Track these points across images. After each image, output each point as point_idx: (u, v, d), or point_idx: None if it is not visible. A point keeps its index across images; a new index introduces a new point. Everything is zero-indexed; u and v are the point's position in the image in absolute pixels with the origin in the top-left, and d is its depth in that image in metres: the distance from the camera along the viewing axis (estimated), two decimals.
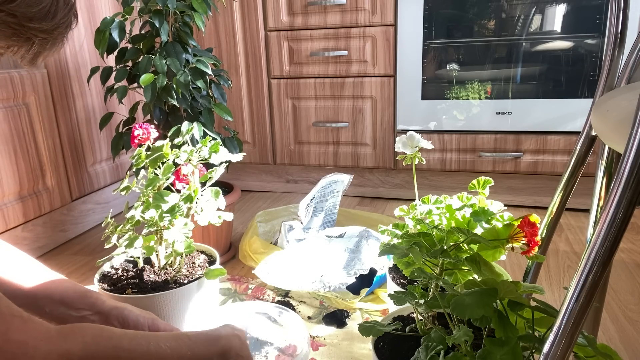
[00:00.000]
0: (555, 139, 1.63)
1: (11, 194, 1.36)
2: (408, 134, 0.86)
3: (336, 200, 1.52)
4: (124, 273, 0.99)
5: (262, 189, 2.08)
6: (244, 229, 1.61)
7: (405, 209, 0.85)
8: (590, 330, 0.82)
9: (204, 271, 0.97)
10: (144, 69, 1.19)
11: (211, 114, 1.30)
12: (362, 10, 1.70)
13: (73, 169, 1.56)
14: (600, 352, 0.56)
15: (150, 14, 1.21)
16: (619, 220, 0.41)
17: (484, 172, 1.73)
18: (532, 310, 0.59)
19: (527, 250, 0.64)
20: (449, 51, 1.67)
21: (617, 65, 0.74)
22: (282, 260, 1.27)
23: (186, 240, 0.95)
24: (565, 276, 1.26)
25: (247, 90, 1.92)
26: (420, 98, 1.73)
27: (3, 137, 1.33)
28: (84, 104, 1.61)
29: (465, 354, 0.59)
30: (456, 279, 0.71)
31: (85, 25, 1.60)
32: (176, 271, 0.98)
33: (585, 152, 0.77)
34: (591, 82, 1.56)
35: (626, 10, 0.71)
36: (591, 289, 0.42)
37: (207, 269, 0.97)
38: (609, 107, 0.60)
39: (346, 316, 1.10)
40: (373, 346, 0.71)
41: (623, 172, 0.40)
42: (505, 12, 1.59)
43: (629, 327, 1.04)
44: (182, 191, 0.95)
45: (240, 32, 1.86)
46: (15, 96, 1.36)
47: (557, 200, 0.80)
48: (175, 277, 0.96)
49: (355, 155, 1.87)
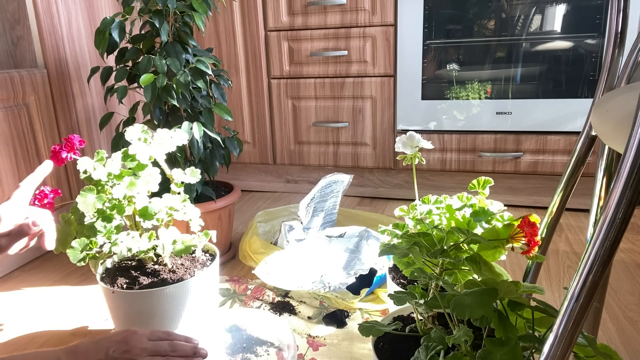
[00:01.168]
0: (555, 139, 1.63)
1: (11, 194, 1.36)
2: (408, 134, 0.86)
3: (336, 200, 1.52)
4: (124, 269, 0.99)
5: (262, 189, 2.08)
6: (244, 229, 1.61)
7: (405, 209, 0.85)
8: (590, 330, 0.82)
9: (199, 272, 0.97)
10: (144, 69, 1.19)
11: (211, 114, 1.30)
12: (362, 10, 1.70)
13: (73, 169, 1.56)
14: (600, 352, 0.56)
15: (150, 14, 1.21)
16: (619, 220, 0.41)
17: (484, 172, 1.73)
18: (532, 310, 0.59)
19: (527, 250, 0.64)
20: (449, 51, 1.67)
21: (617, 65, 0.74)
22: (282, 261, 1.27)
23: (185, 240, 0.96)
24: (565, 276, 1.26)
25: (247, 90, 1.92)
26: (420, 98, 1.73)
27: (3, 137, 1.33)
28: (84, 104, 1.61)
29: (465, 354, 0.59)
30: (456, 279, 0.71)
31: (85, 25, 1.60)
32: (176, 267, 0.98)
33: (585, 152, 0.77)
34: (591, 82, 1.56)
35: (626, 10, 0.71)
36: (591, 289, 0.42)
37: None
38: (609, 107, 0.60)
39: (346, 316, 1.10)
40: (373, 346, 0.71)
41: (623, 172, 0.40)
42: (505, 12, 1.59)
43: (629, 327, 1.04)
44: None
45: (240, 32, 1.86)
46: (15, 96, 1.36)
47: (557, 200, 0.80)
48: (176, 273, 0.96)
49: (355, 155, 1.87)
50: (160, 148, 0.96)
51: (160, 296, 0.91)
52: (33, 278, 1.35)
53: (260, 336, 0.94)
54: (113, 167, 0.92)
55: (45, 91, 1.46)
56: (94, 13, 1.63)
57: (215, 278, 1.01)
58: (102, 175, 0.91)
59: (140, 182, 0.92)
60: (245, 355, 0.90)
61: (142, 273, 0.97)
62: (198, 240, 0.98)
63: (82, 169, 0.92)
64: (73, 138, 0.93)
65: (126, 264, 1.01)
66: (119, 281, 0.95)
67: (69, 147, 0.93)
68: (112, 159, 0.94)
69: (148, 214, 0.92)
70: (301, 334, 1.04)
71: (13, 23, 1.43)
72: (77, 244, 0.87)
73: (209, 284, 0.99)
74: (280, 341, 0.91)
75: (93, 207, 0.88)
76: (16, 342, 1.06)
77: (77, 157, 0.93)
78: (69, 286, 1.30)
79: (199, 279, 0.95)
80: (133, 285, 0.93)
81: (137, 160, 0.94)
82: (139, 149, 0.94)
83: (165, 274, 0.97)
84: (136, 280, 0.94)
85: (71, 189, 1.57)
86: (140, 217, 0.92)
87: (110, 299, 0.94)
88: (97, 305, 1.20)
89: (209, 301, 1.00)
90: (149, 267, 0.99)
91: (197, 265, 1.00)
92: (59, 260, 1.46)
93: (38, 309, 1.20)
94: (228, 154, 1.39)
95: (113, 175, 0.91)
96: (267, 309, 1.14)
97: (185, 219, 0.96)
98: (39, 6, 1.43)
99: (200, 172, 1.02)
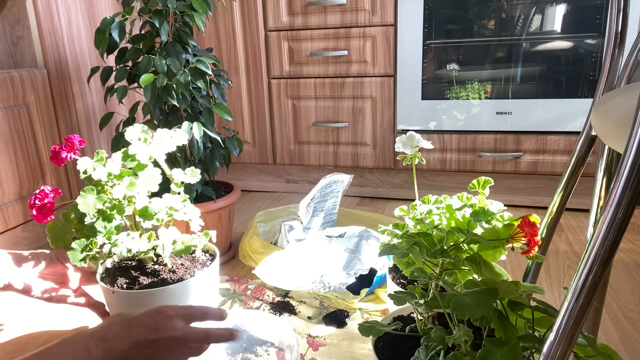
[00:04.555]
0: (555, 139, 1.63)
1: (11, 194, 1.36)
2: (408, 134, 0.86)
3: (336, 200, 1.52)
4: (124, 269, 0.99)
5: (262, 189, 2.08)
6: (244, 229, 1.61)
7: (405, 209, 0.85)
8: (590, 330, 0.82)
9: (200, 271, 0.97)
10: (144, 69, 1.19)
11: (211, 114, 1.30)
12: (362, 10, 1.70)
13: (73, 169, 1.56)
14: (600, 352, 0.56)
15: (150, 14, 1.21)
16: (619, 220, 0.41)
17: (484, 172, 1.73)
18: (532, 310, 0.59)
19: (527, 250, 0.64)
20: (449, 51, 1.67)
21: (617, 65, 0.74)
22: (282, 260, 1.27)
23: (185, 240, 0.96)
24: (565, 276, 1.26)
25: (247, 90, 1.92)
26: (420, 98, 1.73)
27: (3, 137, 1.33)
28: (84, 104, 1.61)
29: (465, 354, 0.59)
30: (456, 279, 0.71)
31: (85, 25, 1.60)
32: (176, 267, 0.98)
33: (585, 152, 0.77)
34: (591, 82, 1.56)
35: (626, 10, 0.71)
36: (591, 289, 0.42)
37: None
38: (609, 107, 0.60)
39: (346, 316, 1.10)
40: (373, 346, 0.71)
41: (623, 172, 0.40)
42: (505, 12, 1.59)
43: (629, 327, 1.04)
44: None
45: (240, 32, 1.86)
46: (15, 96, 1.36)
47: (557, 200, 0.80)
48: (176, 273, 0.97)
49: (355, 155, 1.87)
50: (160, 148, 0.96)
51: (160, 296, 0.91)
52: None
53: (260, 336, 0.94)
54: (113, 167, 0.92)
55: (45, 91, 1.46)
56: (94, 13, 1.63)
57: (215, 278, 1.01)
58: (102, 175, 0.91)
59: (140, 182, 0.92)
60: (246, 355, 0.90)
61: (142, 273, 0.97)
62: (198, 240, 0.98)
63: (82, 169, 0.92)
64: (73, 138, 0.93)
65: (126, 264, 1.01)
66: (119, 281, 0.95)
67: (69, 147, 0.93)
68: (112, 159, 0.93)
69: (148, 214, 0.92)
70: (301, 334, 1.04)
71: (13, 23, 1.43)
72: (77, 245, 0.87)
73: (209, 284, 0.99)
74: (281, 341, 0.91)
75: (93, 208, 0.88)
76: (16, 342, 1.06)
77: (77, 157, 0.93)
78: None
79: (199, 278, 0.95)
80: (133, 285, 0.93)
81: (137, 160, 0.94)
82: (139, 149, 0.94)
83: (165, 274, 0.97)
84: (136, 280, 0.94)
85: (71, 189, 1.57)
86: (140, 217, 0.92)
87: (111, 299, 0.94)
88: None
89: (209, 301, 1.00)
90: (149, 267, 0.99)
91: (197, 265, 1.00)
92: None
93: (38, 309, 1.19)
94: (228, 154, 1.39)
95: (113, 175, 0.91)
96: (267, 309, 1.14)
97: (185, 219, 0.96)
98: (39, 6, 1.43)
99: (200, 172, 1.01)
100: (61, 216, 0.94)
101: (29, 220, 1.42)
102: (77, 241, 0.88)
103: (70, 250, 0.87)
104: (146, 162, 0.94)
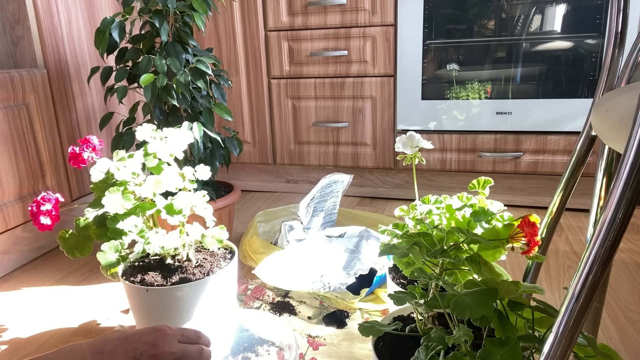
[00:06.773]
0: (555, 139, 1.63)
1: (11, 194, 1.36)
2: (408, 134, 0.86)
3: (336, 200, 1.52)
4: (144, 268, 0.98)
5: (262, 189, 2.08)
6: (244, 229, 1.61)
7: (405, 209, 0.85)
8: (590, 330, 0.82)
9: (225, 264, 0.99)
10: (144, 69, 1.19)
11: (211, 114, 1.30)
12: (362, 10, 1.70)
13: (73, 169, 1.56)
14: (600, 352, 0.56)
15: (150, 14, 1.21)
16: (619, 220, 0.41)
17: (484, 172, 1.73)
18: (532, 310, 0.59)
19: (527, 250, 0.64)
20: (449, 51, 1.67)
21: (617, 65, 0.74)
22: (282, 261, 1.27)
23: (215, 234, 0.99)
24: (565, 276, 1.26)
25: (247, 90, 1.92)
26: (420, 98, 1.73)
27: (3, 137, 1.33)
28: (84, 104, 1.61)
29: (465, 354, 0.59)
30: (456, 279, 0.71)
31: (85, 25, 1.60)
32: (201, 262, 0.99)
33: (585, 152, 0.77)
34: (591, 82, 1.56)
35: (626, 10, 0.71)
36: (591, 289, 0.42)
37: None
38: (609, 107, 0.60)
39: (346, 316, 1.10)
40: (373, 346, 0.71)
41: (623, 172, 0.40)
42: (505, 12, 1.59)
43: (629, 327, 1.04)
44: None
45: (240, 32, 1.86)
46: (15, 96, 1.36)
47: (557, 200, 0.80)
48: (204, 267, 0.97)
49: (355, 155, 1.87)
50: (177, 146, 0.98)
51: (195, 290, 0.91)
52: (33, 278, 1.35)
53: (261, 336, 0.94)
54: (135, 166, 0.93)
55: (45, 91, 1.46)
56: (94, 13, 1.63)
57: (236, 271, 1.03)
58: (127, 175, 0.91)
59: (165, 180, 0.93)
60: (246, 354, 0.90)
61: (167, 270, 0.96)
62: (224, 234, 0.99)
63: (104, 170, 0.93)
64: (91, 139, 0.94)
65: (143, 263, 1.01)
66: (147, 279, 0.94)
67: (90, 148, 0.94)
68: (133, 158, 0.94)
69: (173, 210, 0.92)
70: (301, 334, 1.04)
71: (13, 23, 1.43)
72: (108, 247, 0.88)
73: (233, 277, 1.01)
74: (281, 341, 0.91)
75: (122, 207, 0.89)
76: (16, 342, 1.06)
77: (99, 158, 0.94)
78: (69, 286, 1.30)
79: (226, 271, 0.97)
80: (165, 283, 0.93)
81: (157, 159, 0.95)
82: (159, 147, 0.95)
83: (191, 269, 0.97)
84: (166, 278, 0.94)
85: (71, 190, 1.57)
86: (167, 214, 0.92)
87: (142, 299, 0.93)
88: (97, 305, 1.20)
89: (232, 293, 1.02)
90: (172, 264, 0.98)
91: (218, 259, 1.01)
92: (59, 260, 1.46)
93: (38, 309, 1.20)
94: (228, 154, 1.39)
95: (147, 169, 0.93)
96: (267, 309, 1.14)
97: (205, 214, 0.97)
98: (39, 6, 1.43)
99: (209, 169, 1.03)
100: (75, 222, 0.94)
101: (29, 220, 1.42)
102: (107, 244, 0.88)
103: (101, 253, 0.88)
104: (167, 160, 0.96)
